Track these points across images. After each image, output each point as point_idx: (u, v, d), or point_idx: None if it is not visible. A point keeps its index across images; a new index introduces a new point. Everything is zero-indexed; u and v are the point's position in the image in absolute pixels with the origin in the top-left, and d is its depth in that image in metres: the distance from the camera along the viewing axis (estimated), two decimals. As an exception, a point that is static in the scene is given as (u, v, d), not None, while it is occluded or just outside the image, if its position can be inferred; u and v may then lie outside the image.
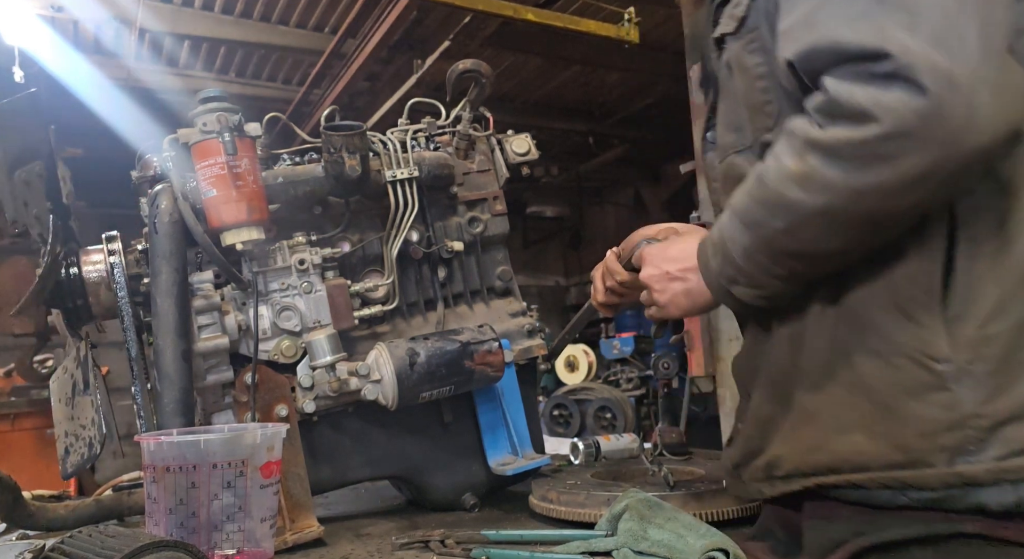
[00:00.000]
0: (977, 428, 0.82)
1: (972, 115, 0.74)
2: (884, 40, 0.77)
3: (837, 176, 0.82)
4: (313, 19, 5.94)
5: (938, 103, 0.74)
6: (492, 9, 4.69)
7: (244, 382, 1.47)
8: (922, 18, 0.76)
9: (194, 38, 5.86)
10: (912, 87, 0.75)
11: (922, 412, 0.85)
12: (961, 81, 0.74)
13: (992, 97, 0.75)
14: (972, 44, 0.75)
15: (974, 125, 0.75)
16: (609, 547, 1.17)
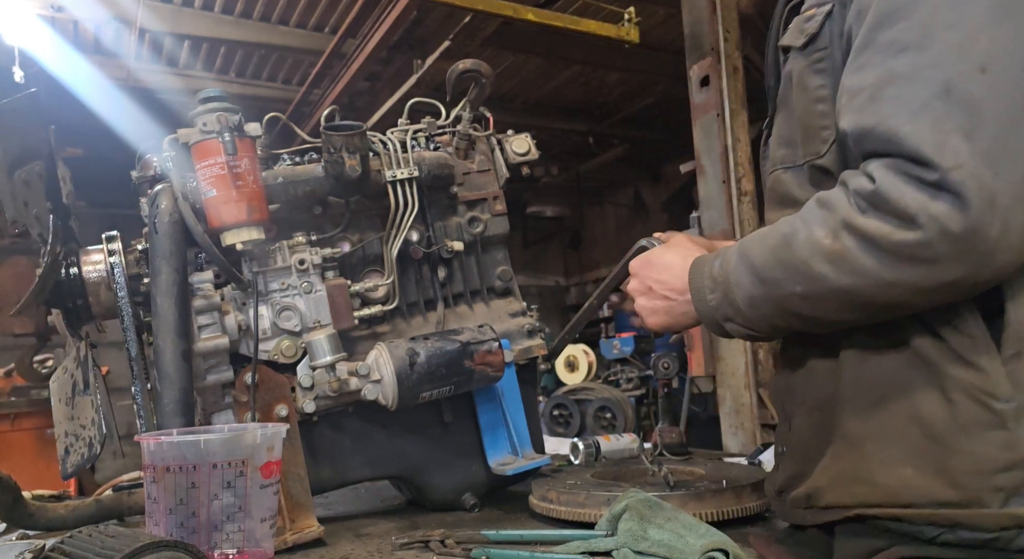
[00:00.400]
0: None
1: (1006, 235, 0.75)
2: (941, 147, 0.76)
3: (871, 265, 0.81)
4: (313, 19, 5.95)
5: (979, 220, 0.75)
6: (492, 9, 4.69)
7: (244, 382, 1.47)
8: (983, 123, 0.75)
9: (194, 38, 5.86)
10: (958, 201, 0.75)
11: (979, 450, 0.83)
12: (1001, 201, 0.74)
13: None
14: (1021, 162, 0.75)
15: (1006, 244, 0.76)
16: (609, 547, 1.17)
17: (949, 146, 0.76)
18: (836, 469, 0.96)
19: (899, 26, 0.81)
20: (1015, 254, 0.77)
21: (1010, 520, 0.81)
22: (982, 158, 0.75)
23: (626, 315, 1.37)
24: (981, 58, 0.76)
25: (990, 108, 0.76)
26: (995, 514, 0.82)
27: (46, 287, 1.46)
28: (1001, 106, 0.75)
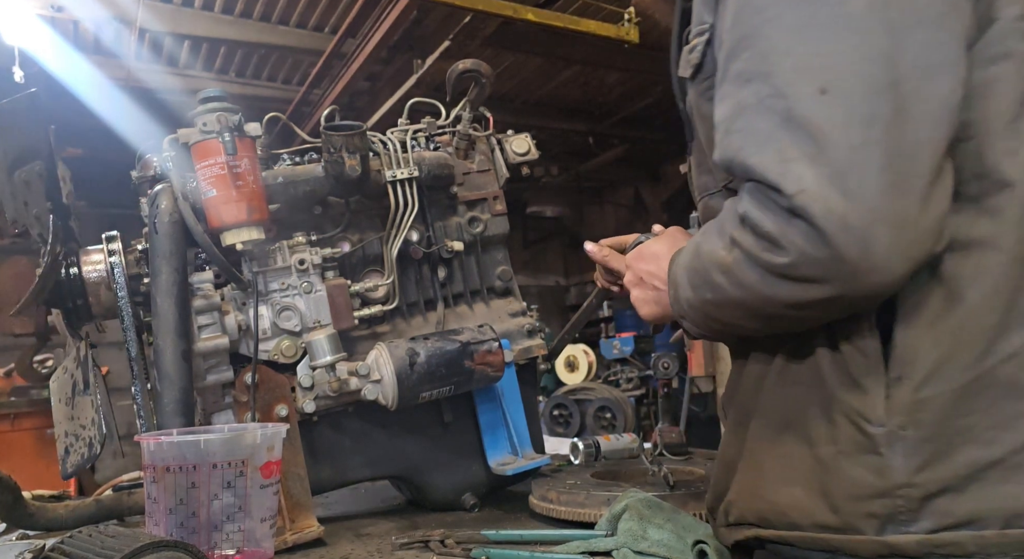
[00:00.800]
0: (908, 498, 0.78)
1: (868, 256, 0.73)
2: (783, 175, 0.75)
3: (754, 279, 0.81)
4: (313, 19, 5.94)
5: (834, 244, 0.73)
6: (492, 9, 4.68)
7: (244, 382, 1.47)
8: (827, 148, 0.74)
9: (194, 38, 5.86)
10: (811, 226, 0.74)
11: (855, 474, 0.82)
12: (855, 223, 0.72)
13: (891, 238, 0.73)
14: (873, 180, 0.72)
15: (870, 265, 0.74)
16: (609, 547, 1.17)
17: (791, 173, 0.75)
18: (743, 485, 0.96)
19: (744, 56, 0.81)
20: (887, 274, 0.74)
21: (884, 548, 0.80)
22: (829, 181, 0.73)
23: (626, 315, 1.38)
24: (820, 80, 0.75)
25: (833, 129, 0.74)
26: (870, 541, 0.80)
27: (46, 287, 1.46)
28: (845, 126, 0.74)
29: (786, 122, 0.76)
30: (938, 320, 0.79)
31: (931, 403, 0.78)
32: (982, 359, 0.77)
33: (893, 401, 0.80)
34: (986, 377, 0.77)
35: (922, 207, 0.73)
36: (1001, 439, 0.76)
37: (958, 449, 0.77)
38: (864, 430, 0.81)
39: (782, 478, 0.90)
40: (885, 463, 0.79)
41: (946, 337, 0.79)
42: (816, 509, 0.85)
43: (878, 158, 0.73)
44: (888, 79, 0.73)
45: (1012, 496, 0.74)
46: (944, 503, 0.77)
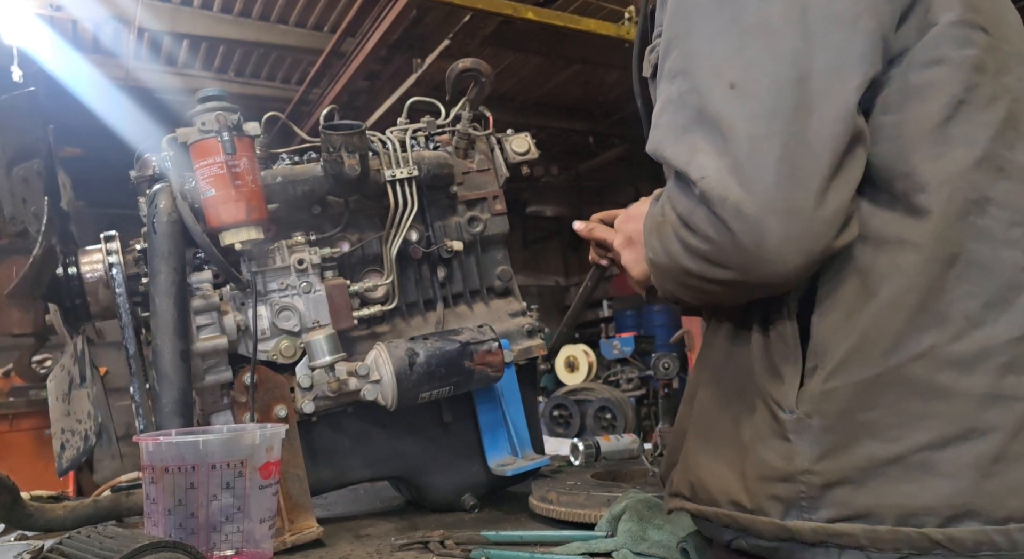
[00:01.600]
0: (809, 485, 0.80)
1: (761, 246, 0.76)
2: (689, 166, 0.80)
3: (677, 249, 0.84)
4: (312, 18, 5.94)
5: (731, 231, 0.77)
6: (492, 8, 4.68)
7: (243, 382, 1.46)
8: (731, 141, 0.77)
9: (193, 37, 5.85)
10: (710, 213, 0.78)
11: (766, 458, 0.84)
12: (748, 212, 0.75)
13: (784, 229, 0.75)
14: (769, 171, 0.75)
15: (763, 255, 0.76)
16: (609, 548, 1.17)
17: (696, 163, 0.79)
18: (684, 455, 0.99)
19: (673, 54, 0.85)
20: (780, 265, 0.77)
21: (783, 532, 0.81)
22: (729, 171, 0.76)
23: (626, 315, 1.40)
24: (731, 77, 0.79)
25: (737, 122, 0.77)
26: (772, 524, 0.82)
27: (41, 276, 1.44)
28: (748, 119, 0.77)
29: (699, 116, 0.81)
30: (852, 313, 0.81)
31: (837, 394, 0.79)
32: (890, 356, 0.77)
33: (804, 390, 0.82)
34: (893, 374, 0.77)
35: (818, 200, 0.75)
36: (903, 437, 0.76)
37: (860, 442, 0.78)
38: (776, 416, 0.83)
39: (712, 455, 0.93)
40: (792, 449, 0.81)
41: (857, 330, 0.80)
42: (733, 488, 0.87)
43: (776, 150, 0.75)
44: (795, 76, 0.76)
45: (908, 494, 0.75)
46: (842, 494, 0.78)
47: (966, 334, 0.75)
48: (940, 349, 0.76)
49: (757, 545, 0.86)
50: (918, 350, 0.76)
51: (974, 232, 0.77)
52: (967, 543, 0.72)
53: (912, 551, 0.74)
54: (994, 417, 0.73)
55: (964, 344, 0.75)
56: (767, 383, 0.86)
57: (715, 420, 0.94)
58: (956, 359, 0.75)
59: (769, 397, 0.85)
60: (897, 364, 0.77)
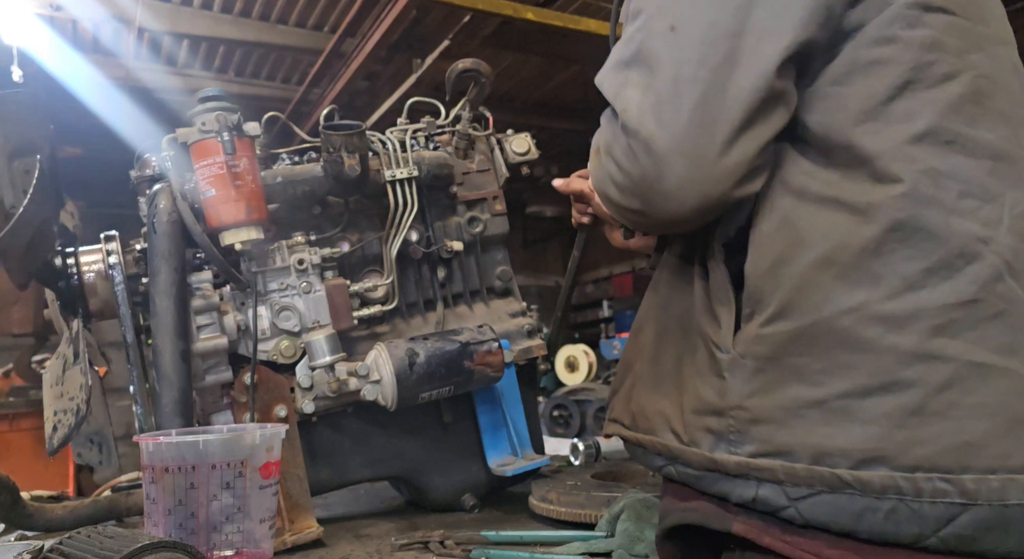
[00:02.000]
0: (737, 419, 0.85)
1: (661, 183, 0.82)
2: (617, 97, 0.87)
3: (602, 177, 0.91)
4: (312, 18, 5.94)
5: (640, 164, 0.83)
6: (492, 8, 4.68)
7: (243, 382, 1.46)
8: (657, 80, 0.82)
9: (193, 37, 5.85)
10: (627, 145, 0.83)
11: (702, 392, 0.89)
12: (657, 149, 0.81)
13: (685, 170, 0.80)
14: (684, 115, 0.80)
15: (664, 192, 0.82)
16: (609, 548, 1.17)
17: (623, 95, 0.86)
18: (628, 388, 1.05)
19: (634, 1, 0.92)
20: (676, 204, 0.83)
21: (710, 463, 0.87)
22: (650, 107, 0.82)
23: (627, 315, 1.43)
24: (674, 18, 0.84)
25: (668, 62, 0.82)
26: (701, 455, 0.88)
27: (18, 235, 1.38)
28: (678, 60, 0.82)
29: (638, 52, 0.86)
30: (782, 264, 0.84)
31: (771, 339, 0.83)
32: (822, 308, 0.81)
33: (741, 333, 0.87)
34: (823, 325, 0.80)
35: (722, 149, 0.80)
36: (826, 383, 0.80)
37: (787, 384, 0.82)
38: (714, 355, 0.88)
39: (653, 389, 0.99)
40: (726, 386, 0.86)
41: (790, 282, 0.84)
42: (672, 420, 0.94)
43: (695, 95, 0.80)
44: (732, 29, 0.81)
45: (825, 436, 0.79)
46: (766, 431, 0.82)
47: (900, 295, 0.78)
48: (870, 306, 0.79)
49: (685, 473, 0.91)
50: (849, 305, 0.80)
51: (920, 201, 0.79)
52: (874, 486, 0.76)
53: (824, 489, 0.79)
54: (916, 374, 0.76)
55: (896, 304, 0.78)
56: (706, 324, 0.91)
57: (658, 356, 1.00)
58: (886, 317, 0.78)
59: (708, 337, 0.90)
60: (828, 316, 0.80)
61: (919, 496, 0.75)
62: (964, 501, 0.73)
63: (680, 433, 0.92)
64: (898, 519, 0.75)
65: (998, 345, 0.76)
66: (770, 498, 0.82)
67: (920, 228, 0.79)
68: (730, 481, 0.85)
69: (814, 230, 0.83)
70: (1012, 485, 0.73)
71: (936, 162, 0.80)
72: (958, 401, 0.75)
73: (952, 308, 0.77)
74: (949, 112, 0.82)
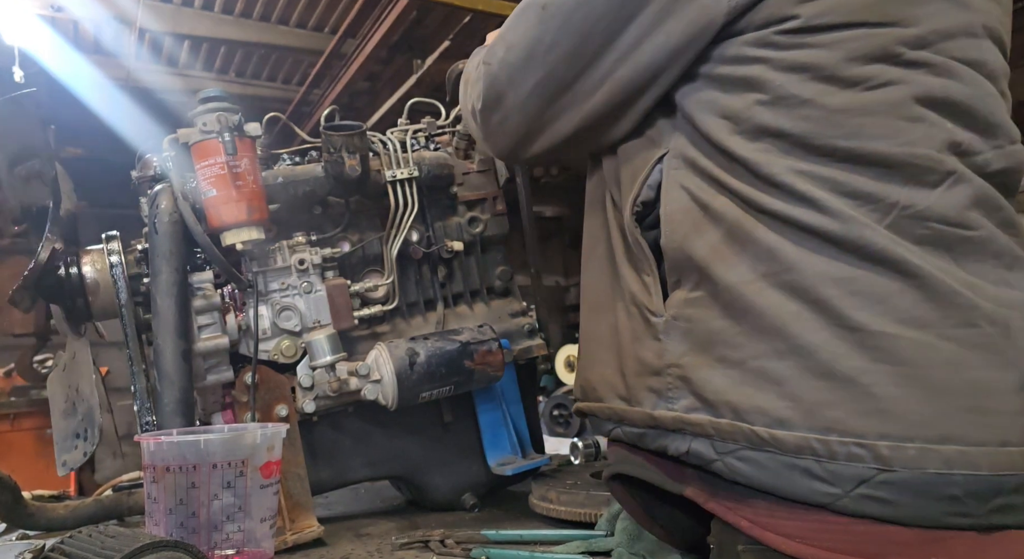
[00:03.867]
0: (674, 377, 0.90)
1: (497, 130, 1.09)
2: (489, 49, 1.07)
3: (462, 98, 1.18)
4: (313, 19, 5.94)
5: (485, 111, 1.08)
6: (492, 9, 4.68)
7: (244, 382, 1.47)
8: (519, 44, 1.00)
9: (194, 38, 5.85)
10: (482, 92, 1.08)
11: (641, 355, 0.95)
12: (505, 104, 1.04)
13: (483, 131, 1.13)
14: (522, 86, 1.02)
15: (494, 138, 1.11)
16: (609, 547, 1.17)
17: (493, 48, 1.05)
18: (579, 365, 1.12)
19: None
20: (497, 149, 1.12)
21: (650, 420, 0.93)
22: (507, 66, 1.01)
23: None
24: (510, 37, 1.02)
25: (533, 32, 0.97)
26: (642, 413, 0.94)
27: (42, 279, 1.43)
28: (540, 32, 0.97)
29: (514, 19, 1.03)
30: (697, 238, 0.89)
31: (696, 302, 0.89)
32: (730, 276, 0.86)
33: (670, 299, 0.93)
34: (735, 291, 0.85)
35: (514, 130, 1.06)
36: (745, 345, 0.84)
37: (713, 345, 0.87)
38: (648, 319, 0.95)
39: (596, 358, 1.05)
40: (663, 347, 0.92)
41: (704, 252, 0.89)
42: (616, 384, 0.99)
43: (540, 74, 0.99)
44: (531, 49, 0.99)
45: (745, 395, 0.83)
46: (696, 387, 0.88)
47: (796, 267, 0.82)
48: (772, 277, 0.83)
49: (630, 432, 0.97)
50: (755, 275, 0.84)
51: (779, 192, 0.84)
52: (789, 445, 0.80)
53: (747, 444, 0.83)
54: (821, 339, 0.79)
55: (793, 275, 0.82)
56: (639, 292, 0.97)
57: (596, 327, 1.06)
58: (787, 285, 0.82)
59: (642, 304, 0.96)
60: (738, 282, 0.85)
61: (833, 458, 0.77)
62: (879, 466, 0.75)
63: (625, 396, 0.97)
64: (816, 478, 0.78)
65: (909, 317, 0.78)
66: (701, 451, 0.87)
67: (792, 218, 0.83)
68: (667, 435, 0.91)
69: (716, 208, 0.88)
70: (931, 454, 0.74)
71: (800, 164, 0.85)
72: (866, 368, 0.77)
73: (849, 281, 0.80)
74: None
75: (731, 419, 0.84)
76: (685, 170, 0.92)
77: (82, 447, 1.47)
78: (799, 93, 0.84)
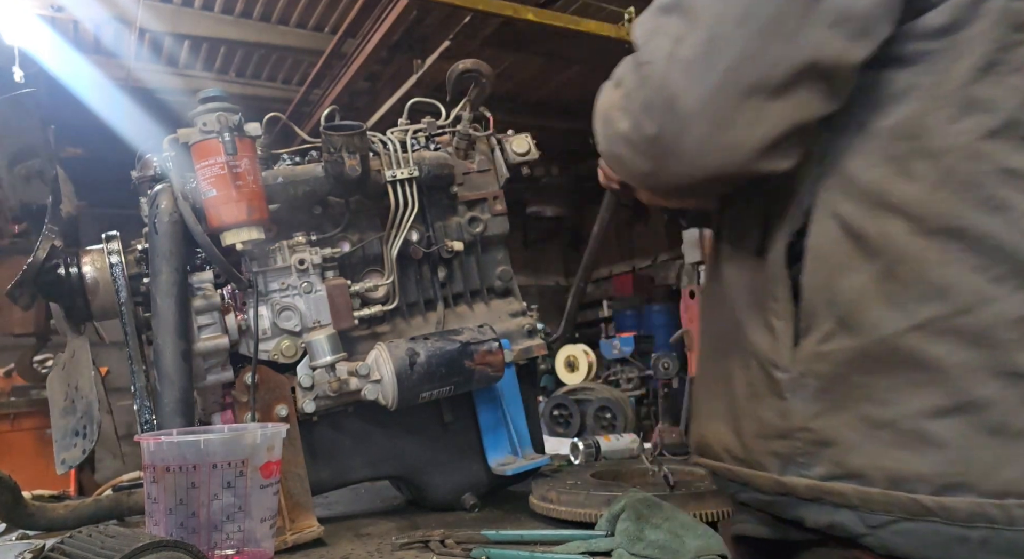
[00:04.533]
0: (805, 442, 0.81)
1: (680, 143, 0.76)
2: (646, 45, 0.81)
3: (601, 130, 0.88)
4: (313, 19, 5.95)
5: (660, 119, 0.77)
6: (492, 9, 4.69)
7: (244, 382, 1.47)
8: (692, 34, 0.76)
9: (194, 38, 5.86)
10: (647, 96, 0.79)
11: (762, 414, 0.85)
12: (682, 108, 0.75)
13: (708, 134, 0.75)
14: (715, 76, 0.74)
15: (680, 154, 0.77)
16: (609, 547, 1.17)
17: (652, 44, 0.80)
18: (692, 410, 1.04)
19: None
20: (690, 166, 0.78)
21: (780, 487, 0.83)
22: (681, 62, 0.76)
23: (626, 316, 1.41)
24: None
25: (707, 16, 0.76)
26: (770, 479, 0.84)
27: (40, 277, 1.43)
28: (719, 17, 0.75)
29: (676, 4, 0.80)
30: (843, 277, 0.79)
31: (833, 356, 0.79)
32: (885, 324, 0.76)
33: (800, 349, 0.82)
34: (888, 342, 0.76)
35: (752, 119, 0.74)
36: (896, 402, 0.75)
37: (854, 404, 0.78)
38: (771, 375, 0.83)
39: (709, 412, 0.96)
40: (788, 407, 0.82)
41: (850, 295, 0.78)
42: (731, 444, 0.90)
43: (730, 59, 0.74)
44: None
45: (899, 459, 0.74)
46: (836, 453, 0.78)
47: (972, 309, 0.72)
48: (939, 322, 0.73)
49: (757, 498, 0.87)
50: (915, 321, 0.74)
51: (985, 204, 0.71)
52: (960, 513, 0.71)
53: (904, 515, 0.74)
54: (994, 392, 0.71)
55: (967, 318, 0.72)
56: (759, 340, 0.85)
57: (709, 375, 0.96)
58: (956, 332, 0.72)
59: (762, 355, 0.85)
60: (893, 333, 0.75)
61: (1013, 524, 0.69)
62: None
63: (743, 458, 0.87)
64: (993, 550, 0.69)
65: None
66: (847, 524, 0.77)
67: (984, 235, 0.72)
68: (803, 505, 0.81)
69: (873, 238, 0.76)
70: None
71: (1008, 160, 0.72)
72: None
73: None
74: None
75: (884, 488, 0.75)
76: (839, 192, 0.79)
77: (81, 445, 1.47)
78: None
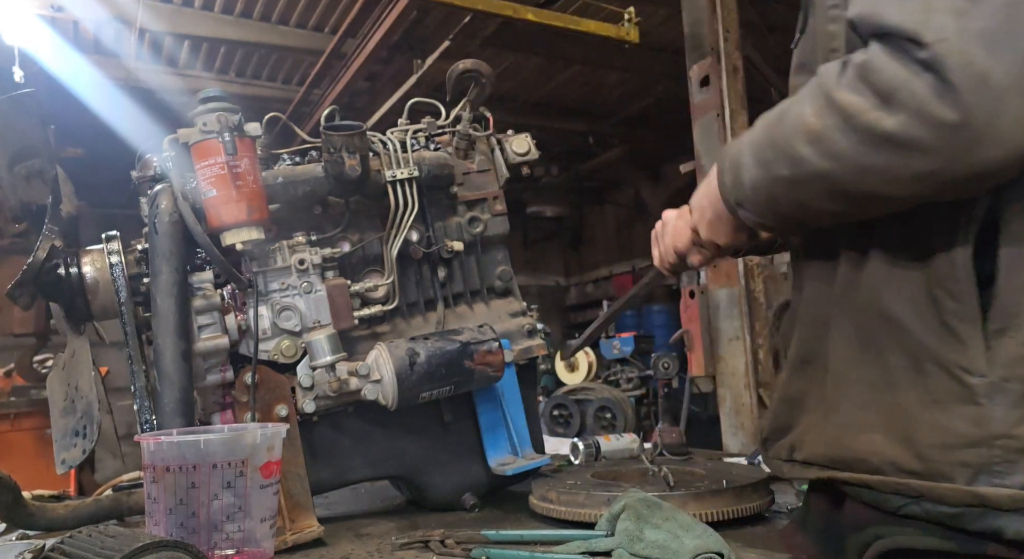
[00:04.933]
0: (1005, 449, 0.76)
1: (995, 123, 0.67)
2: (923, 24, 0.69)
3: (847, 147, 0.75)
4: (313, 19, 5.95)
5: (962, 102, 0.67)
6: (492, 9, 4.69)
7: (244, 382, 1.47)
8: (980, 3, 0.68)
9: (194, 38, 5.86)
10: (939, 81, 0.68)
11: (947, 423, 0.80)
12: (995, 84, 0.66)
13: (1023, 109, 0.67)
14: (1022, 45, 0.67)
15: (993, 135, 0.68)
16: (609, 547, 1.17)
17: (933, 23, 0.69)
18: (815, 427, 0.96)
19: None
20: (1004, 150, 0.68)
21: (974, 498, 0.79)
22: (974, 35, 0.67)
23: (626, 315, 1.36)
24: None
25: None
26: (960, 490, 0.79)
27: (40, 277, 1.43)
28: None
29: None
30: None
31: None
32: None
33: (995, 353, 0.77)
34: None
35: None
36: None
37: None
38: (963, 380, 0.79)
39: (860, 424, 0.89)
40: (984, 414, 0.77)
41: None
42: (899, 456, 0.84)
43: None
44: None
45: None
46: None
47: None
48: None
49: (936, 511, 0.82)
50: None
51: None
52: None
53: None
54: None
55: None
56: (939, 346, 0.80)
57: (856, 390, 0.90)
58: None
59: (949, 362, 0.80)
60: None
61: None
62: None
63: (918, 471, 0.82)
64: None
65: None
66: None
67: None
68: (1002, 516, 0.77)
69: None
70: None
71: None
72: None
73: None
74: None
75: None
76: None
77: (81, 445, 1.47)
78: None
